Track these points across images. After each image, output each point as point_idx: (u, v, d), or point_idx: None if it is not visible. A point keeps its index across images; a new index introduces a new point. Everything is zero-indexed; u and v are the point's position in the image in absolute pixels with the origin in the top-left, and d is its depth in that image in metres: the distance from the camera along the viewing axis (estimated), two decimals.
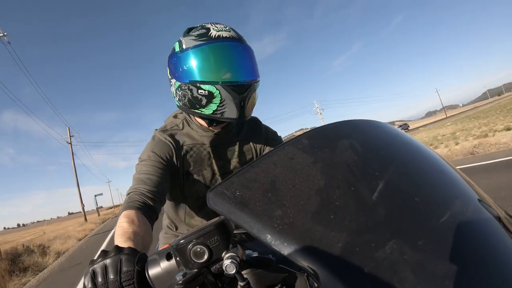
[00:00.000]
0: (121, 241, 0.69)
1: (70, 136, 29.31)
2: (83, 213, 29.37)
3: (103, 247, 9.05)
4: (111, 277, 0.48)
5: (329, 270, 0.32)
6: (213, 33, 0.95)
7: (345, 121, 0.47)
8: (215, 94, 0.93)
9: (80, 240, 15.05)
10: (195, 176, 1.13)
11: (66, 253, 10.72)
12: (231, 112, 0.96)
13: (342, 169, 0.40)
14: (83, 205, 28.77)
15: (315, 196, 0.37)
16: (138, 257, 0.50)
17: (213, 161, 1.14)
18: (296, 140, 0.42)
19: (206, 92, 0.94)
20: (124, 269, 0.48)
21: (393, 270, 0.32)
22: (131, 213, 0.85)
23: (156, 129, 1.17)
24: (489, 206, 0.45)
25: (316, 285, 0.32)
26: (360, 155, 0.42)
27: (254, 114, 1.17)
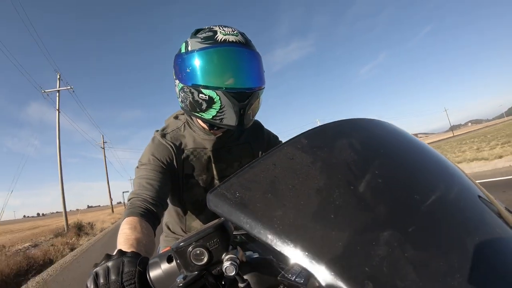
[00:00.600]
0: (124, 248, 0.69)
1: (103, 142, 34.60)
2: (111, 206, 35.80)
3: None
4: (113, 277, 0.48)
5: (331, 269, 0.32)
6: (220, 36, 0.92)
7: (344, 120, 0.47)
8: (215, 100, 0.92)
9: (113, 223, 22.29)
10: (194, 180, 1.12)
11: (107, 229, 18.18)
12: (230, 119, 0.94)
13: (341, 168, 0.39)
14: (111, 199, 33.17)
15: (315, 196, 0.37)
16: (140, 259, 0.51)
17: (213, 165, 1.13)
18: (295, 140, 0.42)
19: (207, 97, 0.92)
20: (126, 269, 0.49)
21: (394, 269, 0.32)
22: (133, 219, 0.84)
23: (157, 130, 1.15)
24: (489, 202, 0.44)
25: (317, 285, 0.33)
26: (360, 153, 0.42)
27: (258, 118, 1.14)
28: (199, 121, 1.08)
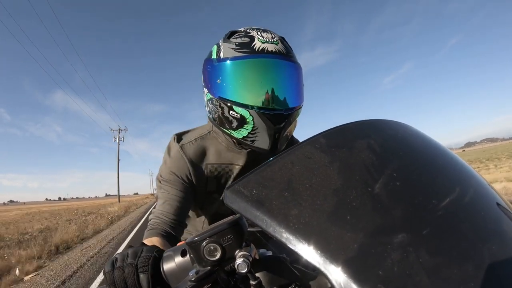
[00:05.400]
0: None
1: (151, 174, 42.79)
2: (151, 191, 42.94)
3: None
4: (129, 261, 0.49)
5: (344, 271, 0.32)
6: (257, 44, 0.79)
7: (363, 120, 0.46)
8: (247, 120, 0.80)
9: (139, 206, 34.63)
10: (217, 195, 1.04)
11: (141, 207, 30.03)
12: (263, 142, 0.83)
13: (359, 169, 0.39)
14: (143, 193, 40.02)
15: (332, 196, 0.36)
16: (157, 249, 0.52)
17: None
18: (314, 139, 0.42)
19: (238, 115, 0.81)
20: (143, 254, 0.50)
21: (408, 274, 0.32)
22: (153, 239, 0.83)
23: (175, 135, 1.04)
24: (508, 210, 0.43)
25: (329, 286, 0.33)
26: (378, 155, 0.41)
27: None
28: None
